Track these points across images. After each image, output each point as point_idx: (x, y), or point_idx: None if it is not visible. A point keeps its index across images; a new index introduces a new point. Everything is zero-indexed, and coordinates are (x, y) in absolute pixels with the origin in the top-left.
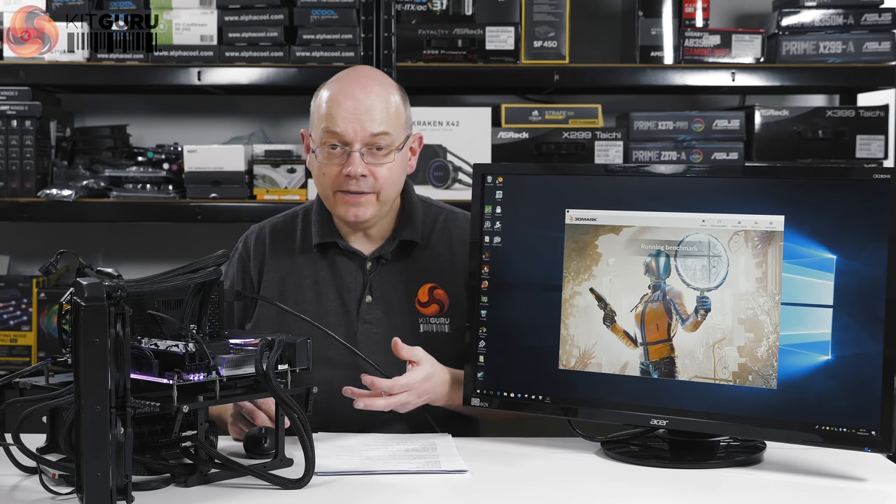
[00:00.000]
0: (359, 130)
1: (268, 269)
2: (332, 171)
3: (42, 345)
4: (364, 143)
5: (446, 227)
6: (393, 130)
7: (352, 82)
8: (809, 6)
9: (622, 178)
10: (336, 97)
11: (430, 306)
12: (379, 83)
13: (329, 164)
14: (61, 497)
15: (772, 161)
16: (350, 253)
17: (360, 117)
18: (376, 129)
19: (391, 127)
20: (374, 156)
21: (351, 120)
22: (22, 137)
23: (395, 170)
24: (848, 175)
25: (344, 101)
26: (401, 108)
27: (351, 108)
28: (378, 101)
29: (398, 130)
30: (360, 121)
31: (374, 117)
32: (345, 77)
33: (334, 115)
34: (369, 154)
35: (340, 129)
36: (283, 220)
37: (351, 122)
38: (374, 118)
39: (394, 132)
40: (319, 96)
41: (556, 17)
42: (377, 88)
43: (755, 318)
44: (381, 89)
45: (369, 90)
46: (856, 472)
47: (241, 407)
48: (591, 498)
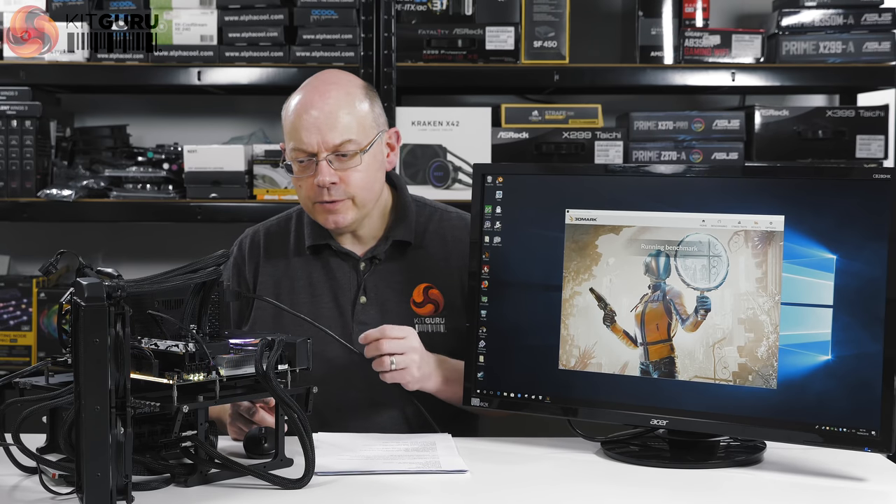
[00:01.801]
0: (321, 141)
1: (262, 272)
2: (305, 182)
3: (42, 345)
4: (329, 151)
5: (440, 227)
6: (356, 135)
7: (311, 90)
8: (809, 6)
9: (622, 178)
10: (298, 109)
11: (425, 306)
12: (339, 87)
13: (302, 176)
14: (61, 497)
15: (772, 161)
16: (343, 254)
17: (320, 127)
18: (337, 139)
19: (355, 132)
20: (342, 161)
21: (313, 131)
22: (22, 137)
23: (368, 171)
24: (848, 175)
25: (304, 113)
26: (365, 110)
27: (312, 120)
28: (337, 107)
29: (363, 133)
30: (321, 131)
31: (335, 125)
32: (306, 86)
33: (297, 127)
34: (337, 160)
35: (304, 142)
36: (278, 222)
37: (313, 134)
38: (335, 126)
39: (357, 136)
40: (286, 108)
41: (556, 17)
42: (336, 93)
43: (755, 318)
44: (341, 93)
45: (327, 97)
46: (856, 472)
47: (239, 406)
48: (591, 498)
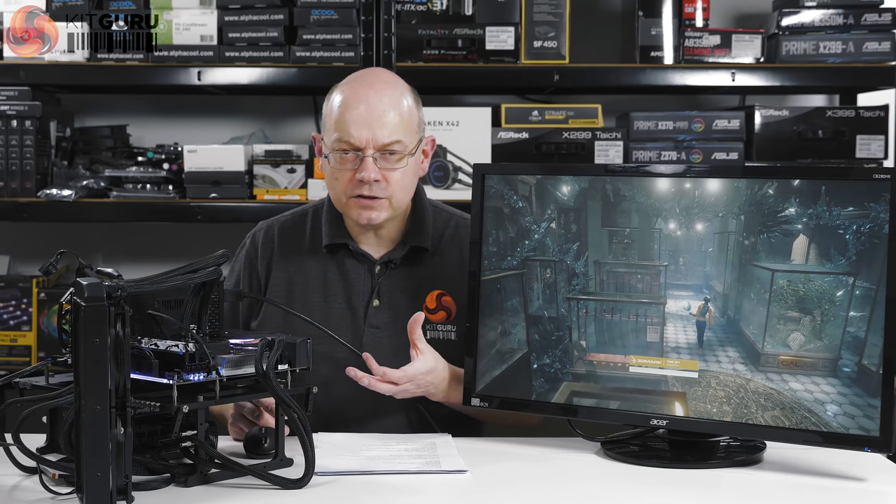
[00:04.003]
0: (371, 138)
1: (276, 268)
2: (344, 175)
3: (42, 345)
4: (376, 149)
5: (457, 234)
6: (405, 137)
7: (365, 85)
8: (809, 6)
9: (622, 178)
10: (348, 102)
11: (437, 313)
12: (392, 87)
13: (341, 168)
14: (61, 497)
15: (772, 161)
16: (359, 255)
17: (371, 124)
18: (388, 139)
19: (403, 133)
20: (388, 160)
21: (363, 126)
22: (22, 137)
23: (408, 174)
24: (848, 175)
25: (355, 107)
26: (413, 113)
27: (363, 114)
28: (390, 106)
29: (410, 136)
30: (372, 128)
31: (386, 124)
32: (357, 80)
33: (346, 120)
34: (382, 159)
35: (353, 136)
36: (293, 218)
37: (363, 129)
38: (386, 125)
39: (406, 138)
40: (332, 100)
41: (556, 17)
42: (390, 92)
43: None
44: (394, 93)
45: (382, 94)
46: (856, 472)
47: (242, 407)
48: (591, 498)
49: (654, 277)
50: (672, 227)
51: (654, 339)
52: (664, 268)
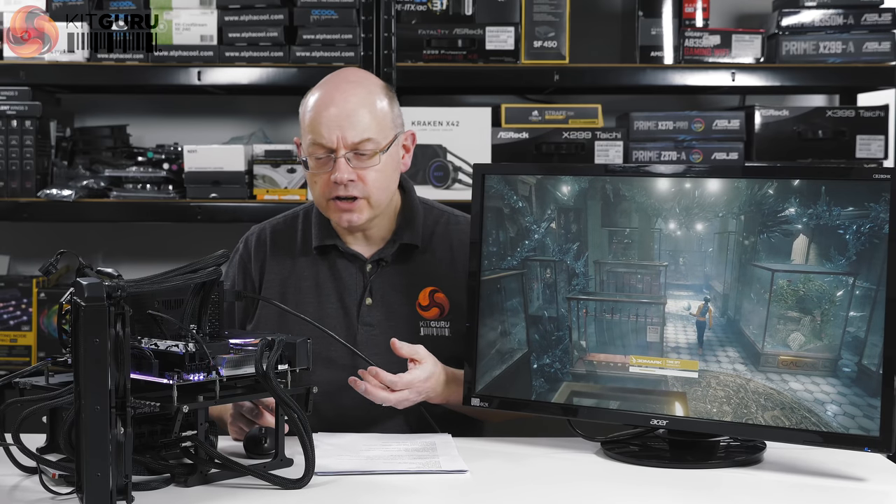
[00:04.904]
0: (341, 138)
1: (269, 271)
2: (321, 178)
3: (42, 345)
4: (348, 149)
5: (447, 231)
6: (376, 134)
7: (333, 87)
8: (809, 6)
9: (622, 178)
10: (318, 105)
11: (430, 310)
12: (361, 86)
13: (318, 172)
14: (61, 497)
15: (772, 161)
16: (350, 255)
17: (341, 124)
18: (358, 138)
19: (375, 131)
20: (360, 160)
21: (333, 127)
22: (22, 137)
23: (385, 171)
24: (848, 175)
25: (325, 109)
26: (385, 110)
27: (333, 116)
28: (359, 105)
29: (383, 133)
30: (342, 128)
31: (355, 123)
32: (327, 82)
33: (317, 123)
34: (356, 158)
35: (324, 138)
36: (284, 220)
37: (333, 130)
38: (355, 125)
39: (377, 136)
40: (306, 103)
41: (556, 17)
42: (358, 91)
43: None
44: (363, 92)
45: (349, 94)
46: (856, 472)
47: (241, 406)
48: (591, 498)
49: (654, 277)
50: (672, 227)
51: (654, 339)
52: (664, 268)
